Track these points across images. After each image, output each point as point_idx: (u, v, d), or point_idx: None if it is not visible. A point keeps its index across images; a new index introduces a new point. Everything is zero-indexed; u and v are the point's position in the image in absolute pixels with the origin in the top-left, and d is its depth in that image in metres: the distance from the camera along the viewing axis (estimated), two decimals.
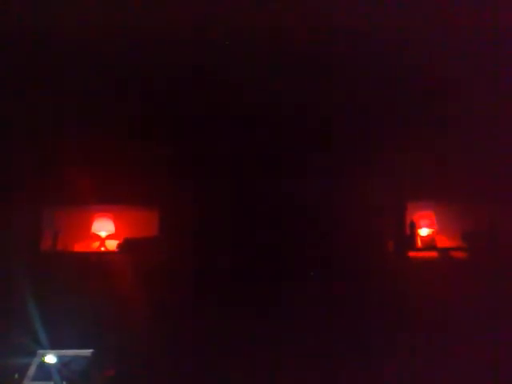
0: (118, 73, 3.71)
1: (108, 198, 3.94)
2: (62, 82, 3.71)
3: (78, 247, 4.05)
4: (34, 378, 3.14)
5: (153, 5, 3.03)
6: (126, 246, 3.92)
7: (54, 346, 3.40)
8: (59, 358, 3.20)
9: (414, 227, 3.91)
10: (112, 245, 4.02)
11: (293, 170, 3.84)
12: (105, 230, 4.03)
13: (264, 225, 3.81)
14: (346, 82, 3.69)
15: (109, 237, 4.04)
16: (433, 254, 3.92)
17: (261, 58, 3.42)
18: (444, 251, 3.92)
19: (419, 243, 3.97)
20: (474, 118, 3.77)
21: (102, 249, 4.02)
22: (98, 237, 4.04)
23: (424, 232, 3.98)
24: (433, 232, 3.98)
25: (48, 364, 3.16)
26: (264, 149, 3.87)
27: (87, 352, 3.30)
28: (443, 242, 3.99)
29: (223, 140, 3.88)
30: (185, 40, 3.30)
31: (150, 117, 3.89)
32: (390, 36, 3.26)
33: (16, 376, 3.13)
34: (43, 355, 3.20)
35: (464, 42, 3.35)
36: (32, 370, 3.16)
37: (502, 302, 3.51)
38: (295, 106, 3.83)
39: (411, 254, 3.89)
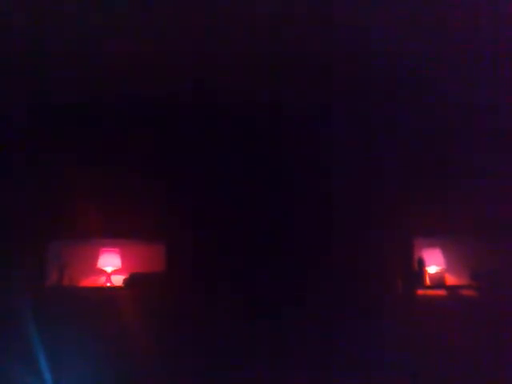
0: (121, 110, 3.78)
1: (114, 233, 3.94)
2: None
3: (84, 282, 4.05)
4: None
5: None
6: (132, 281, 3.90)
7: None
8: None
9: (422, 264, 3.86)
10: (118, 280, 4.01)
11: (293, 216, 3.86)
12: (111, 265, 4.02)
13: (271, 263, 3.79)
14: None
15: (114, 272, 4.03)
16: (442, 292, 3.86)
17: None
18: (453, 289, 3.86)
19: (428, 281, 3.91)
20: (481, 156, 3.77)
21: (108, 284, 4.01)
22: (103, 272, 4.03)
23: (432, 269, 3.93)
24: (442, 269, 3.93)
25: None
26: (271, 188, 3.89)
27: None
28: (452, 279, 3.94)
29: (230, 178, 3.90)
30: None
31: (156, 153, 3.94)
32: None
33: None
34: None
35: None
36: None
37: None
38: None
39: (420, 291, 3.83)
